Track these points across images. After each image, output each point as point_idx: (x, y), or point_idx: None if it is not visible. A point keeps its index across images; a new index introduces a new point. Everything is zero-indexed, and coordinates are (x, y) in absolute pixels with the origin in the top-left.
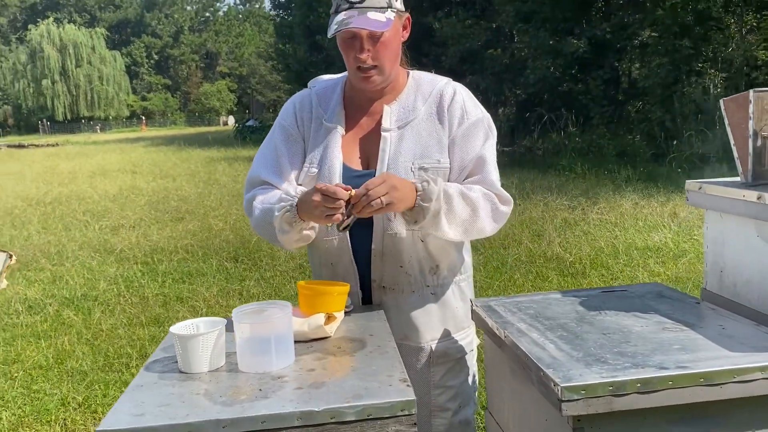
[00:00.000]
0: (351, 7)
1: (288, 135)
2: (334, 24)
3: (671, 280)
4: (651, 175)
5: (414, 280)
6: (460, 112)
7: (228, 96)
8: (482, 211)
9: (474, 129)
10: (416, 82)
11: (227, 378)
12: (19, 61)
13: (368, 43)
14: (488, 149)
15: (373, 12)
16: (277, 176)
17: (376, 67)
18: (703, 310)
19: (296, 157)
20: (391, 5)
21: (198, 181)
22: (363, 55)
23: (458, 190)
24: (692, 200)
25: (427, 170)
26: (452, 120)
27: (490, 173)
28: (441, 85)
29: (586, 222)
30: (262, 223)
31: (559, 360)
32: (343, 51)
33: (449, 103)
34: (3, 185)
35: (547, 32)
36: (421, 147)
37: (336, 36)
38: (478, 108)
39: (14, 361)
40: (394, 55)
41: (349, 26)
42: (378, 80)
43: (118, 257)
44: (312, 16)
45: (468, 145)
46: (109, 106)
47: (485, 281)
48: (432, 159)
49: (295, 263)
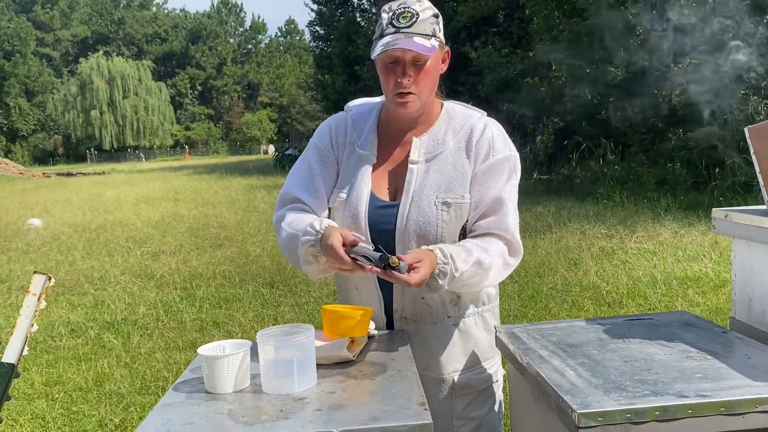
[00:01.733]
0: (397, 31)
1: (323, 156)
2: (380, 46)
3: (711, 311)
4: (691, 203)
5: (435, 312)
6: (486, 147)
7: (268, 125)
8: (492, 272)
9: (498, 167)
10: (449, 114)
11: (251, 399)
12: (69, 93)
13: (410, 68)
14: (509, 190)
15: (420, 37)
16: (309, 194)
17: (415, 94)
18: (730, 339)
19: (329, 178)
20: (435, 34)
21: (237, 208)
22: (405, 79)
23: (476, 260)
24: (719, 228)
25: (450, 205)
26: (478, 155)
27: (507, 216)
28: (473, 120)
29: (623, 251)
30: (287, 246)
31: (578, 387)
32: (384, 75)
33: (478, 138)
34: (51, 212)
35: (585, 61)
36: (447, 181)
37: (377, 60)
38: (507, 146)
39: (56, 382)
40: (432, 83)
41: (397, 46)
42: (415, 107)
43: (158, 282)
44: (350, 47)
45: (489, 183)
46: (154, 135)
47: (519, 310)
48: (456, 194)
49: (330, 289)
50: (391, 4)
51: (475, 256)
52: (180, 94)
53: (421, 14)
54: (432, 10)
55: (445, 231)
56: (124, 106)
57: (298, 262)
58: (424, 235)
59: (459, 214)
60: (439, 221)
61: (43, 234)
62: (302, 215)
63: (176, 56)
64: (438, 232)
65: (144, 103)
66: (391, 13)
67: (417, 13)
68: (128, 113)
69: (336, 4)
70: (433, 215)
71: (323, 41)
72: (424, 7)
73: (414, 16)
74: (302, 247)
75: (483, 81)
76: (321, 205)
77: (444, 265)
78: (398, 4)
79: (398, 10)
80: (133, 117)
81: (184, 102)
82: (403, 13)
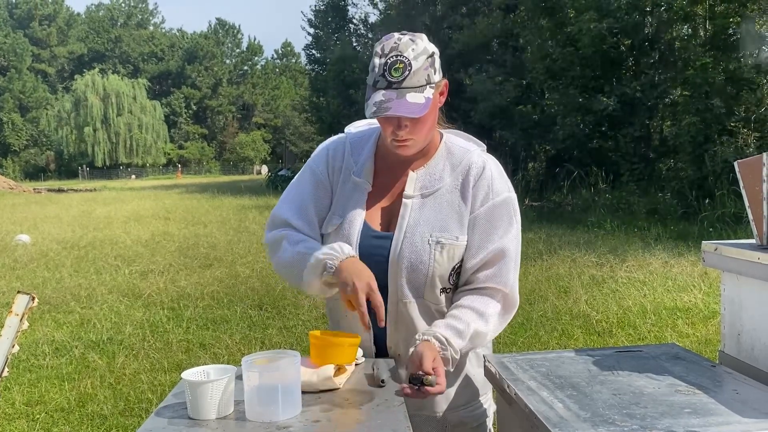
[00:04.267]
0: (389, 87)
1: (318, 182)
2: (373, 105)
3: (700, 342)
4: (682, 233)
5: None
6: (485, 189)
7: (262, 146)
8: (489, 335)
9: (498, 211)
10: (448, 148)
11: (234, 426)
12: (63, 109)
13: (406, 120)
14: (511, 240)
15: (412, 94)
16: (301, 220)
17: (413, 139)
18: (719, 374)
19: (322, 204)
20: (429, 81)
21: (228, 228)
22: (401, 131)
23: (473, 332)
24: (709, 261)
25: (444, 246)
26: (476, 197)
27: (509, 271)
28: (472, 156)
29: (614, 280)
30: (289, 265)
31: (567, 420)
32: (380, 123)
33: (477, 179)
34: (41, 228)
35: (577, 90)
36: (441, 220)
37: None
38: (505, 187)
39: (37, 402)
40: (431, 124)
41: (388, 112)
42: (414, 149)
43: (145, 302)
44: (346, 71)
45: (490, 229)
46: (147, 153)
47: (509, 337)
48: (451, 234)
49: (318, 312)
50: (383, 45)
51: (472, 328)
52: (174, 113)
53: (413, 63)
54: (426, 53)
55: (436, 270)
56: (118, 124)
57: (299, 278)
58: (416, 272)
59: (452, 254)
60: (431, 260)
61: (31, 250)
62: (312, 241)
63: (172, 75)
64: (429, 271)
65: (138, 121)
66: (384, 60)
67: (409, 64)
68: (122, 131)
69: (332, 29)
70: (426, 253)
71: (319, 64)
72: (417, 53)
73: (406, 69)
74: (315, 262)
75: (476, 108)
76: (312, 232)
77: (444, 351)
78: (390, 48)
79: (390, 59)
80: (126, 135)
81: (178, 121)
82: (395, 64)
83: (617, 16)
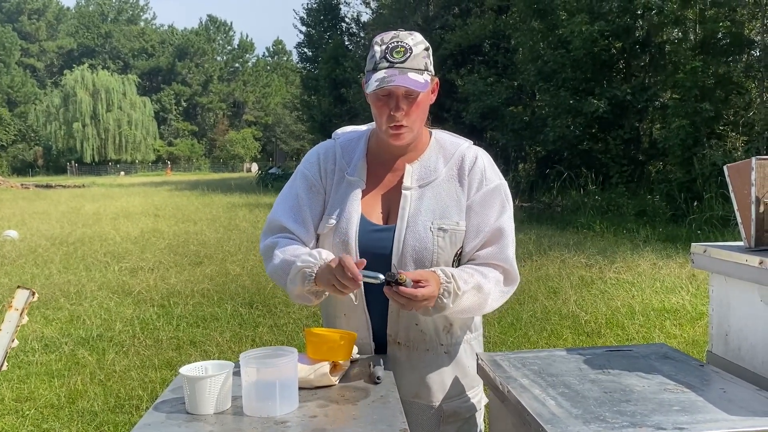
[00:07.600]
0: (391, 66)
1: (310, 185)
2: (375, 81)
3: (688, 343)
4: (670, 235)
5: (429, 339)
6: (479, 177)
7: (253, 144)
8: (490, 298)
9: (491, 196)
10: (439, 143)
11: (232, 421)
12: (52, 104)
13: (404, 102)
14: (506, 221)
15: (413, 73)
16: (297, 224)
17: (408, 126)
18: (707, 373)
19: (317, 207)
20: (427, 68)
21: (218, 226)
22: (398, 113)
23: (475, 283)
24: (697, 263)
25: (446, 231)
26: (471, 184)
27: (507, 247)
28: (463, 148)
29: (602, 281)
30: (279, 272)
31: (559, 416)
32: (377, 108)
33: (470, 168)
34: (29, 224)
35: (568, 92)
36: (441, 207)
37: (371, 93)
38: (496, 175)
39: (27, 398)
40: (424, 115)
41: (393, 83)
42: (408, 139)
43: (135, 299)
44: (338, 70)
45: (486, 212)
46: (136, 150)
47: (499, 337)
48: (451, 221)
49: (309, 311)
50: (383, 37)
51: (474, 279)
52: (164, 110)
53: (414, 49)
54: (424, 44)
55: (440, 256)
56: (107, 120)
57: (286, 287)
58: (421, 260)
59: (454, 240)
60: (435, 246)
61: (19, 246)
62: (297, 245)
63: (162, 72)
64: (434, 258)
65: (127, 117)
66: (384, 46)
67: (410, 48)
68: (111, 127)
69: (324, 27)
70: (429, 240)
71: (310, 63)
72: (416, 41)
73: (407, 51)
74: (294, 272)
75: (468, 108)
76: (308, 235)
77: (447, 283)
78: (391, 37)
79: (391, 44)
80: (115, 131)
81: (168, 117)
82: (397, 47)
83: (609, 19)
